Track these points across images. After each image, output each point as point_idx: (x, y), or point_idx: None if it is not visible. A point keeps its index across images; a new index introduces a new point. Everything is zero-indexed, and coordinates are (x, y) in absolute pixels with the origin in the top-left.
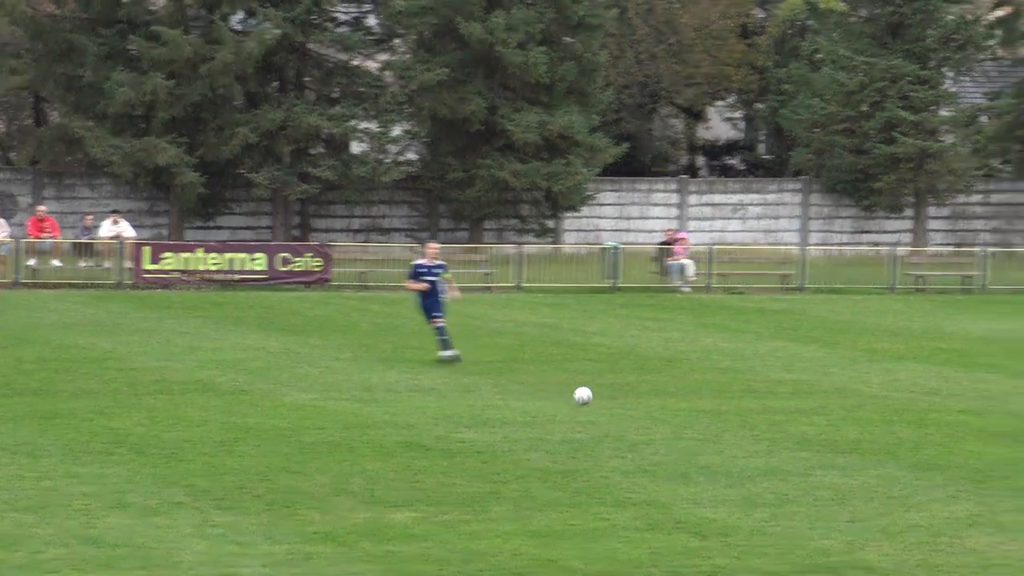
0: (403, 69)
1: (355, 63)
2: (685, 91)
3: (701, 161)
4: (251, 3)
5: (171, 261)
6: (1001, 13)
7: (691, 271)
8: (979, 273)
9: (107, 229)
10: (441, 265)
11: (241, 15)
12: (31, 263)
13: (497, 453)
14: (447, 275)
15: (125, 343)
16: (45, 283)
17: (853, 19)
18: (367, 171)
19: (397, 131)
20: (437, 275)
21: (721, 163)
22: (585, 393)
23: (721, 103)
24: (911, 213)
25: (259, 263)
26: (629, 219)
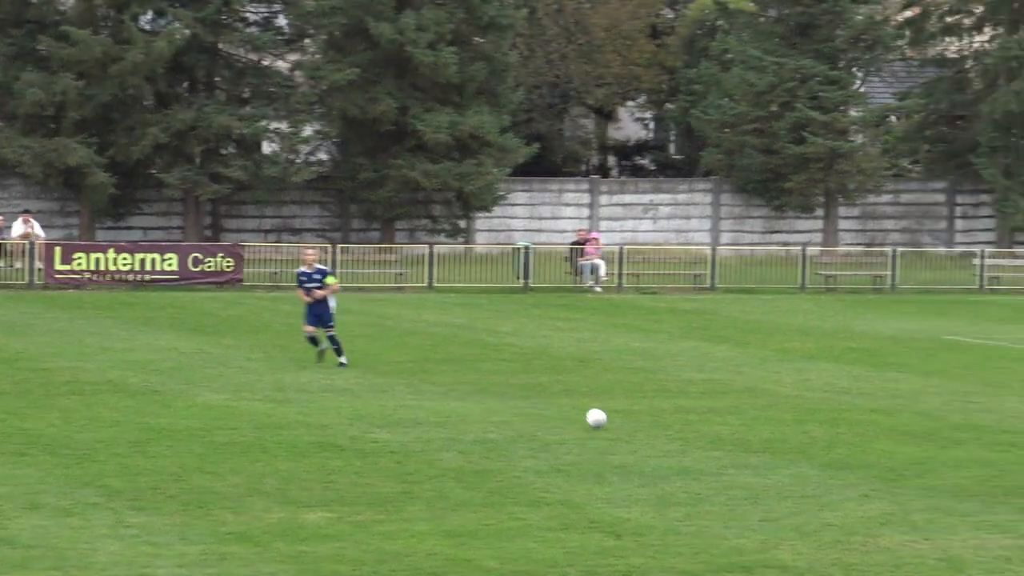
0: (313, 69)
1: (265, 63)
2: (595, 91)
3: (612, 161)
4: (161, 3)
5: (82, 261)
6: (909, 14)
7: (603, 271)
8: (889, 273)
9: (18, 229)
10: (322, 271)
11: (151, 15)
12: None
13: (411, 453)
14: (332, 279)
15: (37, 344)
16: None
17: (763, 19)
18: (278, 171)
19: (308, 131)
20: (318, 281)
21: (632, 163)
22: (600, 416)
23: (631, 103)
24: (821, 213)
25: (171, 263)
26: (541, 219)
